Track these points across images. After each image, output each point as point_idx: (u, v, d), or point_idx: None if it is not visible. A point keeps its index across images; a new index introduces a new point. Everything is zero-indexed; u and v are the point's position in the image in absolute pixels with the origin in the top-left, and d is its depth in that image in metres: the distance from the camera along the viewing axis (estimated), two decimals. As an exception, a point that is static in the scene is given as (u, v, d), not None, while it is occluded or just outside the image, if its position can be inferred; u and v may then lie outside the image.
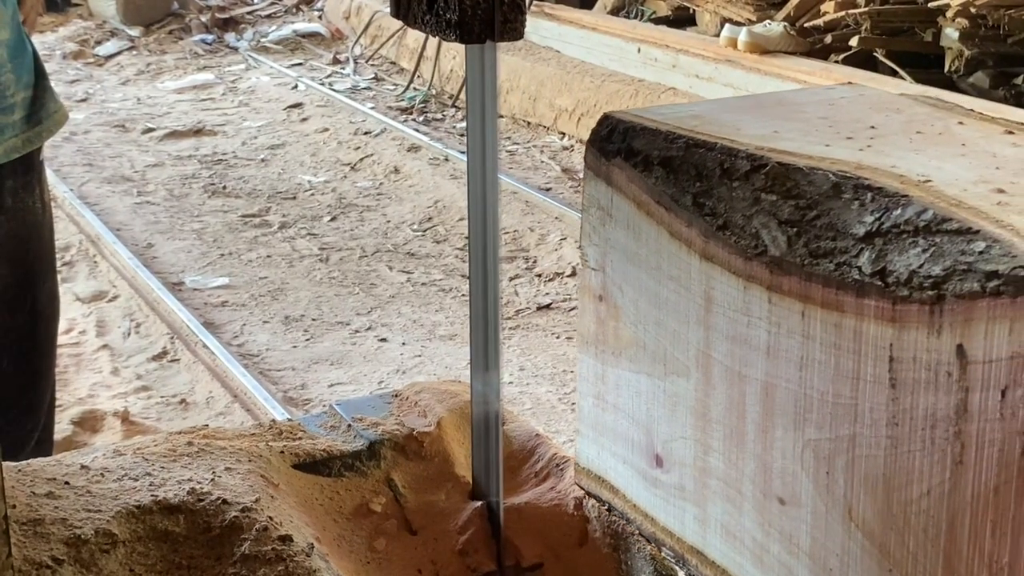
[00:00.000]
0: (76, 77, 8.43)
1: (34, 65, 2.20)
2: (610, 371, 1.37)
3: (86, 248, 5.12)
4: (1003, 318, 0.91)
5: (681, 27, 7.14)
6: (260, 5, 10.14)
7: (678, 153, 1.21)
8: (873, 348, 1.02)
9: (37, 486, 1.47)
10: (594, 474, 1.47)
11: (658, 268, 1.26)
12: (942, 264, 0.94)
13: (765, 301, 1.12)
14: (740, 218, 1.13)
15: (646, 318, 1.29)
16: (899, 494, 1.03)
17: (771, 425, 1.14)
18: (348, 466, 1.69)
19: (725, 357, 1.18)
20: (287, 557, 1.44)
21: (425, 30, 1.44)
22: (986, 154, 1.13)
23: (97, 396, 3.83)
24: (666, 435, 1.30)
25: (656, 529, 1.35)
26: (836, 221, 1.04)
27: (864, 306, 1.02)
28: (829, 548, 1.11)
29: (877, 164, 1.08)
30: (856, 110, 1.30)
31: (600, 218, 1.34)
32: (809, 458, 1.11)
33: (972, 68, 5.69)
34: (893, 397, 1.01)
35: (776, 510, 1.15)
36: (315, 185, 6.08)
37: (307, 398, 3.85)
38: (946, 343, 0.95)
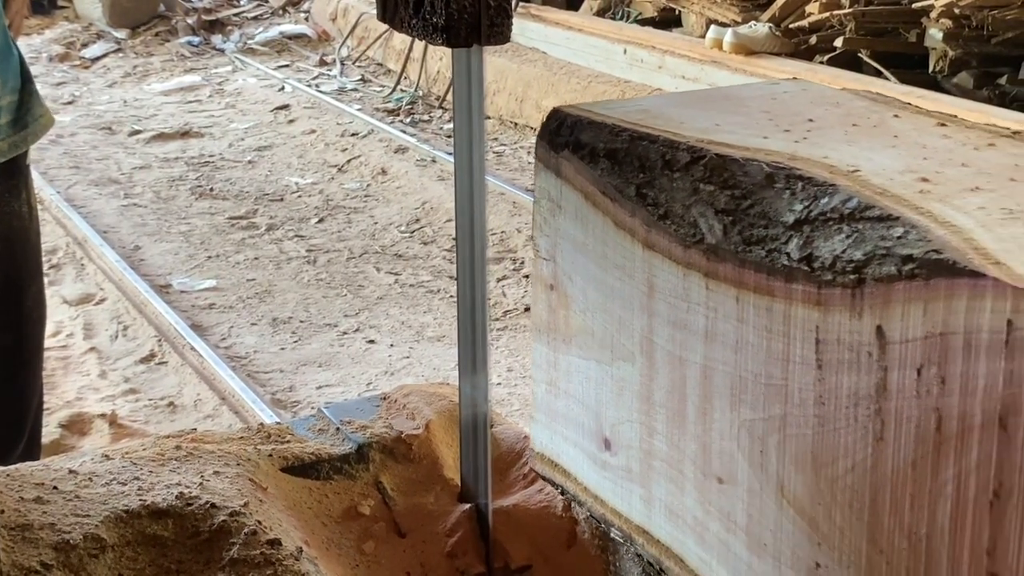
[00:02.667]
0: (62, 79, 8.41)
1: (20, 69, 2.20)
2: (561, 358, 1.40)
3: (73, 251, 5.11)
4: (918, 300, 0.94)
5: (667, 28, 7.15)
6: (247, 7, 10.12)
7: (623, 145, 1.24)
8: (801, 331, 1.06)
9: (25, 491, 1.46)
10: (547, 458, 1.50)
11: (604, 257, 1.29)
12: (863, 249, 0.98)
13: (703, 287, 1.15)
14: (680, 208, 1.16)
15: (594, 306, 1.33)
16: (826, 471, 1.06)
17: (710, 407, 1.18)
18: (337, 469, 1.69)
19: (667, 342, 1.22)
20: (276, 561, 1.44)
21: (412, 34, 1.44)
22: (916, 145, 1.17)
23: (85, 399, 3.82)
24: (614, 419, 1.33)
25: (605, 510, 1.39)
26: (768, 210, 1.07)
27: (792, 291, 1.05)
28: (763, 524, 1.14)
29: (810, 155, 1.12)
30: (797, 104, 1.33)
31: (550, 209, 1.37)
32: (744, 438, 1.14)
33: (956, 68, 5.71)
34: (820, 377, 1.05)
35: (715, 489, 1.19)
36: (302, 187, 6.07)
37: (295, 400, 3.85)
38: (867, 325, 0.99)
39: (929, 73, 5.80)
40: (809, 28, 6.21)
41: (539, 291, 1.42)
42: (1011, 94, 5.54)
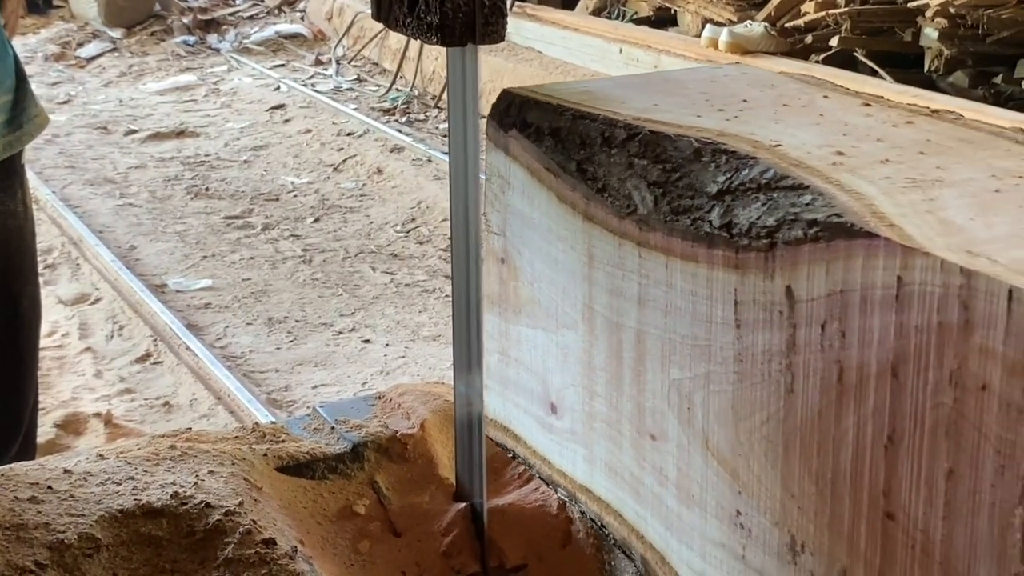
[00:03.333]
0: (58, 79, 8.40)
1: (15, 69, 2.19)
2: (512, 328, 1.46)
3: (68, 250, 5.10)
4: (821, 261, 1.01)
5: (662, 27, 7.15)
6: (242, 6, 10.12)
7: (565, 124, 1.30)
8: (722, 293, 1.12)
9: (20, 491, 1.46)
10: (500, 424, 1.55)
11: (549, 230, 1.35)
12: (775, 216, 1.05)
13: (636, 256, 1.22)
14: (616, 181, 1.23)
15: (540, 277, 1.39)
16: (745, 423, 1.12)
17: (643, 369, 1.24)
18: (332, 468, 1.69)
19: (605, 309, 1.28)
20: (271, 560, 1.44)
21: (406, 33, 1.44)
22: (839, 123, 1.24)
23: (80, 399, 3.82)
24: (559, 384, 1.39)
25: (552, 471, 1.45)
26: (695, 181, 1.14)
27: (714, 256, 1.12)
28: (691, 477, 1.20)
29: (738, 132, 1.18)
30: (734, 86, 1.39)
31: (500, 186, 1.43)
32: (674, 396, 1.21)
33: (952, 67, 5.71)
34: (738, 336, 1.11)
35: (649, 446, 1.25)
36: (298, 186, 6.07)
37: (291, 400, 3.85)
38: (778, 285, 1.06)
39: (925, 72, 5.81)
40: (805, 27, 6.21)
41: (491, 264, 1.48)
42: (1006, 93, 5.55)
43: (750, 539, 1.13)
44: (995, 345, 0.86)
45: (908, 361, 0.94)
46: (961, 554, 0.92)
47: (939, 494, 0.93)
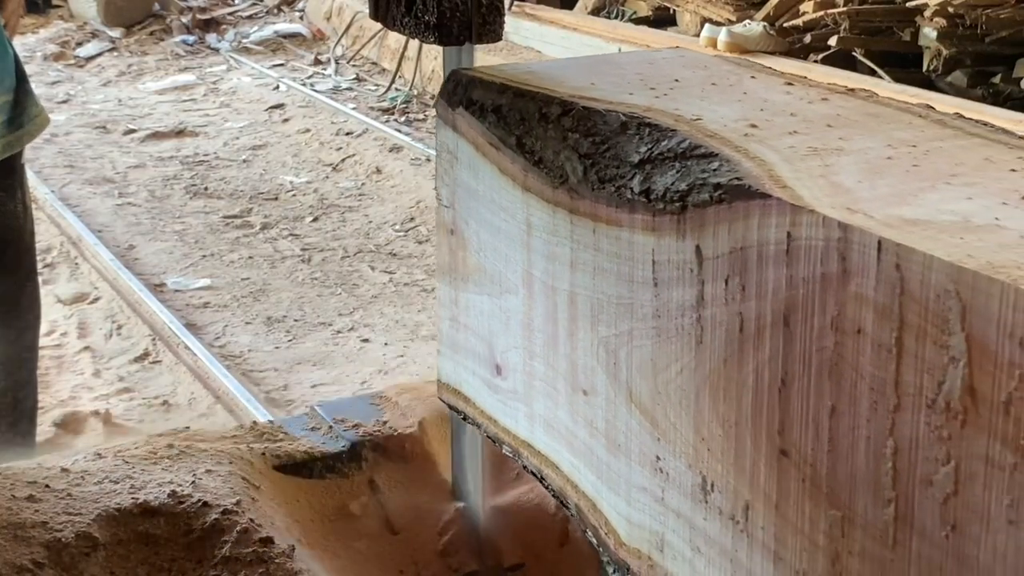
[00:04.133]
0: (57, 79, 8.39)
1: (15, 69, 2.20)
2: (461, 295, 1.53)
3: (67, 250, 5.10)
4: (724, 221, 1.09)
5: (662, 27, 7.15)
6: (241, 6, 10.11)
7: (507, 101, 1.37)
8: (641, 254, 1.19)
9: (18, 489, 1.47)
10: (451, 387, 1.61)
11: (492, 201, 1.42)
12: (687, 181, 1.12)
13: (568, 223, 1.29)
14: (551, 154, 1.29)
15: (485, 246, 1.45)
16: (662, 375, 1.21)
17: (576, 328, 1.31)
18: (330, 467, 1.70)
19: (542, 274, 1.35)
20: (268, 559, 1.44)
21: (404, 32, 1.45)
22: (759, 100, 1.31)
23: (79, 398, 3.82)
24: (503, 346, 1.46)
25: (498, 430, 1.51)
26: (620, 152, 1.20)
27: (635, 220, 1.19)
28: (618, 427, 1.27)
29: (664, 108, 1.26)
30: (669, 68, 1.46)
31: (449, 161, 1.50)
32: (602, 353, 1.27)
33: (950, 67, 5.71)
34: (656, 294, 1.19)
35: (581, 401, 1.32)
36: (297, 186, 6.07)
37: (289, 399, 3.84)
38: (688, 245, 1.14)
39: (923, 72, 5.81)
40: (803, 27, 6.21)
41: (442, 236, 1.55)
42: (1005, 93, 5.55)
43: (668, 482, 1.21)
44: (867, 292, 0.94)
45: (797, 310, 1.02)
46: (844, 484, 1.00)
47: (824, 431, 1.01)
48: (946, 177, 1.06)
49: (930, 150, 1.13)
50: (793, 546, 1.06)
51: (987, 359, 0.86)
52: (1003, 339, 0.84)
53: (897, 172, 1.08)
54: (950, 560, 0.91)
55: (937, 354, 0.89)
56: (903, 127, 1.21)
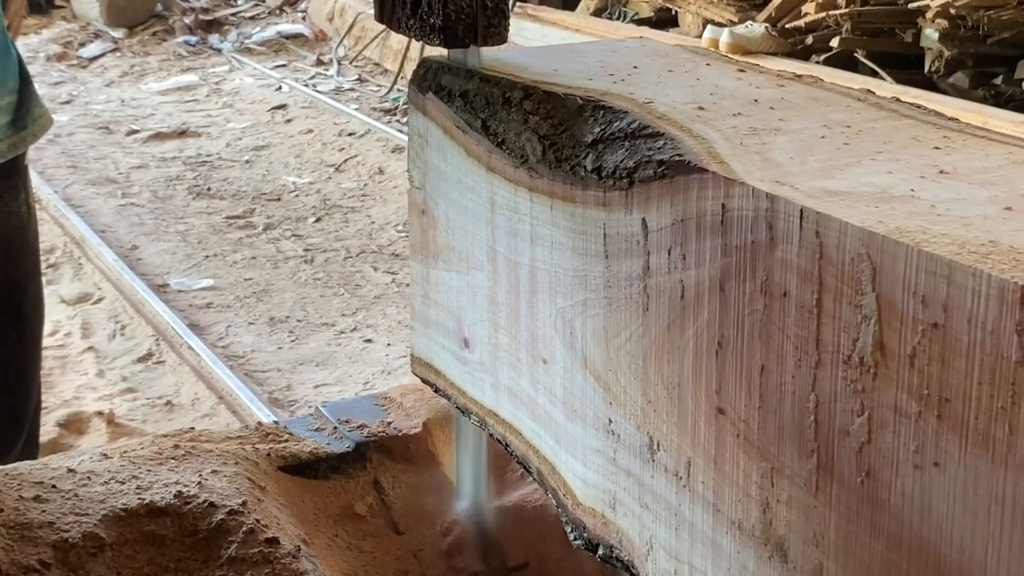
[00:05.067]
0: (60, 79, 8.40)
1: (19, 70, 2.20)
2: (432, 272, 1.60)
3: (71, 250, 5.11)
4: (666, 195, 1.16)
5: (663, 28, 7.15)
6: (244, 7, 10.12)
7: (473, 87, 1.44)
8: (594, 228, 1.26)
9: (24, 490, 1.47)
10: (424, 362, 1.67)
11: (460, 182, 1.49)
12: (635, 159, 1.18)
13: (528, 200, 1.36)
14: (513, 136, 1.37)
15: (454, 224, 1.52)
16: (613, 342, 1.27)
17: (536, 300, 1.38)
18: (334, 468, 1.70)
19: (505, 249, 1.42)
20: (274, 559, 1.45)
21: (409, 34, 1.45)
22: (711, 85, 1.38)
23: (82, 398, 3.82)
24: (470, 320, 1.53)
25: (466, 400, 1.57)
26: (576, 133, 1.27)
27: (588, 196, 1.26)
28: (574, 393, 1.34)
29: (619, 92, 1.32)
30: (630, 56, 1.52)
31: (420, 144, 1.57)
32: (559, 323, 1.34)
33: (952, 68, 5.71)
34: (607, 266, 1.26)
35: (541, 369, 1.39)
36: (299, 186, 6.08)
37: (292, 399, 3.85)
38: (635, 218, 1.20)
39: (925, 73, 5.81)
40: (805, 28, 6.21)
41: (414, 216, 1.62)
42: (1007, 94, 5.55)
43: (619, 443, 1.27)
44: (791, 257, 1.01)
45: (731, 276, 1.08)
46: (773, 438, 1.06)
47: (755, 388, 1.08)
48: (872, 154, 1.13)
49: (863, 130, 1.21)
50: (729, 498, 1.13)
51: (894, 316, 0.93)
52: (908, 297, 0.91)
53: (828, 150, 1.15)
54: (865, 504, 0.98)
55: (852, 313, 0.96)
56: (841, 109, 1.28)
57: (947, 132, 1.19)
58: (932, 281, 0.89)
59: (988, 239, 0.91)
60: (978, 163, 1.10)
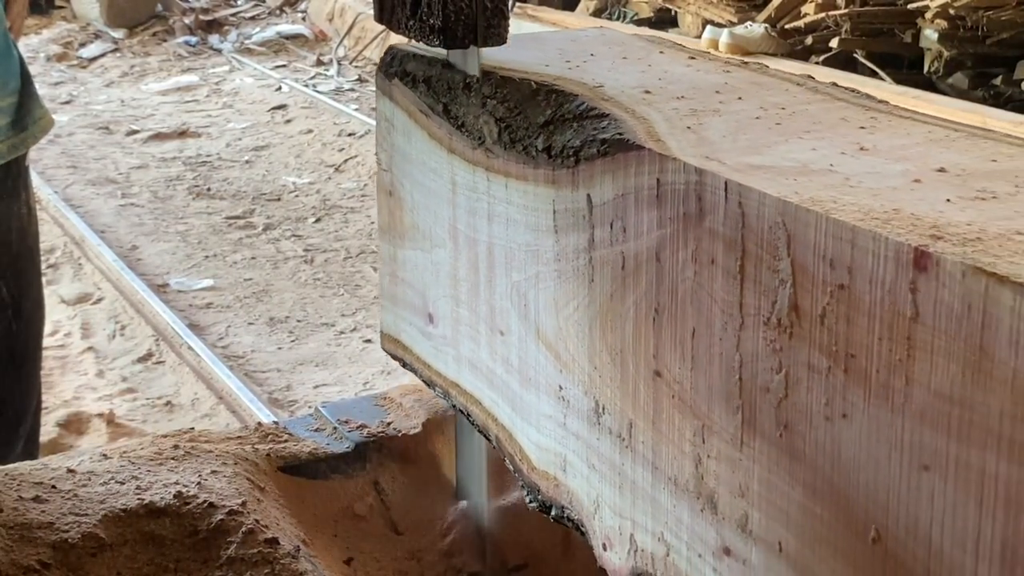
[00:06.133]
0: (60, 79, 8.40)
1: (20, 71, 2.20)
2: (399, 252, 1.66)
3: (71, 250, 5.11)
4: (608, 171, 1.22)
5: (663, 28, 7.15)
6: (244, 7, 10.12)
7: (436, 72, 1.50)
8: (545, 205, 1.33)
9: (24, 490, 1.47)
10: (392, 337, 1.73)
11: (423, 163, 1.55)
12: (581, 138, 1.25)
13: (485, 180, 1.42)
14: (472, 119, 1.43)
15: (418, 204, 1.59)
16: (563, 312, 1.33)
17: (493, 275, 1.44)
18: (334, 468, 1.70)
19: (465, 227, 1.48)
20: (273, 560, 1.45)
21: (409, 35, 1.46)
22: (661, 71, 1.46)
23: (82, 398, 3.83)
24: (434, 297, 1.59)
25: (431, 373, 1.63)
26: (530, 116, 1.34)
27: (539, 174, 1.33)
28: (528, 363, 1.40)
29: (572, 77, 1.39)
30: (589, 44, 1.59)
31: (387, 128, 1.63)
32: (515, 296, 1.41)
33: (951, 69, 5.72)
34: (557, 240, 1.32)
35: (499, 341, 1.45)
36: (299, 186, 6.08)
37: (292, 399, 3.86)
38: (581, 194, 1.27)
39: (924, 74, 5.81)
40: (805, 28, 6.21)
41: (381, 198, 1.68)
42: (1006, 95, 5.55)
43: (569, 408, 1.34)
44: (718, 227, 1.08)
45: (666, 247, 1.15)
46: (704, 397, 1.14)
47: (688, 351, 1.15)
48: (801, 133, 1.20)
49: (796, 111, 1.28)
50: (666, 456, 1.20)
51: (807, 279, 1.00)
52: (818, 261, 0.98)
53: (760, 129, 1.22)
54: (784, 456, 1.05)
55: (770, 278, 1.04)
56: (779, 93, 1.35)
57: (875, 113, 1.26)
58: (839, 246, 0.96)
59: (892, 207, 0.98)
60: (898, 141, 1.17)
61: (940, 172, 1.07)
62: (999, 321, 0.85)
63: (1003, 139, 1.17)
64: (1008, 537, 0.87)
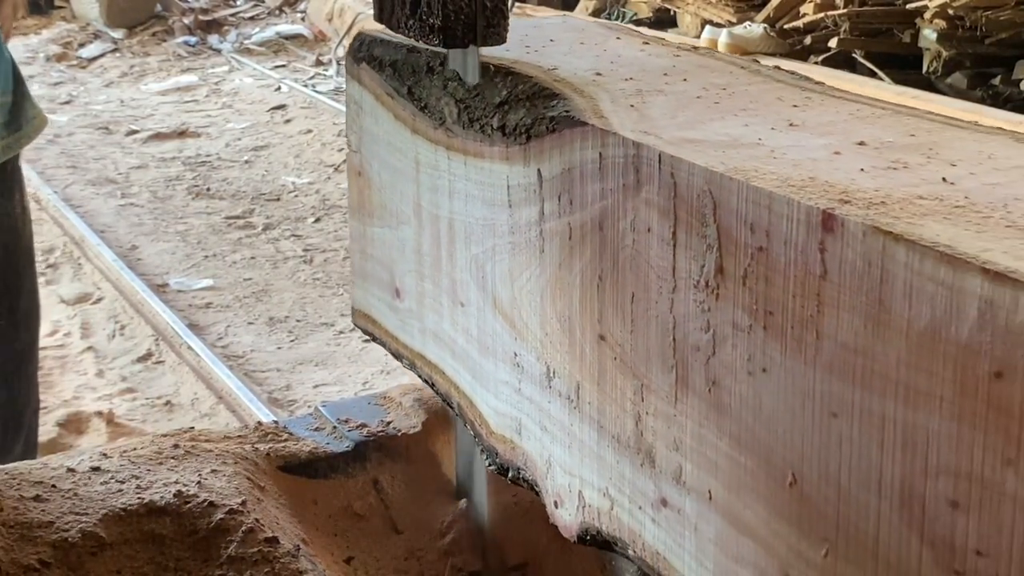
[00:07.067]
0: (59, 79, 8.40)
1: (12, 71, 2.20)
2: (368, 230, 1.72)
3: (70, 250, 5.11)
4: (556, 147, 1.28)
5: (662, 29, 7.15)
6: (243, 7, 10.12)
7: (401, 57, 1.57)
8: (500, 180, 1.39)
9: (24, 489, 1.48)
10: (362, 313, 1.80)
11: (389, 144, 1.62)
12: (532, 116, 1.31)
13: (446, 158, 1.49)
14: (434, 100, 1.50)
15: (385, 183, 1.65)
16: (517, 282, 1.39)
17: (454, 249, 1.50)
18: (334, 467, 1.70)
19: (428, 204, 1.55)
20: (273, 559, 1.45)
21: (408, 34, 1.46)
22: (614, 55, 1.53)
23: (82, 398, 3.83)
24: (401, 272, 1.65)
25: (399, 346, 1.70)
26: (486, 96, 1.41)
27: (494, 152, 1.39)
28: (486, 332, 1.47)
29: (529, 60, 1.46)
30: (550, 31, 1.65)
31: (355, 111, 1.70)
32: (473, 268, 1.47)
33: (950, 69, 5.72)
34: (511, 214, 1.38)
35: (460, 312, 1.52)
36: (299, 186, 6.08)
37: (292, 399, 3.86)
38: (532, 170, 1.33)
39: (923, 74, 5.81)
40: (804, 28, 6.21)
41: (352, 178, 1.75)
42: (1004, 94, 5.55)
43: (523, 374, 1.40)
44: (653, 197, 1.15)
45: (608, 217, 1.22)
46: (643, 358, 1.20)
47: (628, 315, 1.21)
48: (737, 111, 1.27)
49: (736, 92, 1.35)
50: (610, 415, 1.26)
51: (731, 243, 1.07)
52: (740, 225, 1.05)
53: (699, 107, 1.29)
54: (713, 410, 1.12)
55: (699, 243, 1.10)
56: (723, 75, 1.42)
57: (810, 94, 1.34)
58: (758, 211, 1.03)
59: (809, 176, 1.05)
60: (826, 118, 1.24)
61: (860, 145, 1.14)
62: (895, 276, 0.91)
63: (925, 116, 1.24)
64: (906, 476, 0.93)
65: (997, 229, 0.92)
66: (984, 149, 1.13)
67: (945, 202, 0.98)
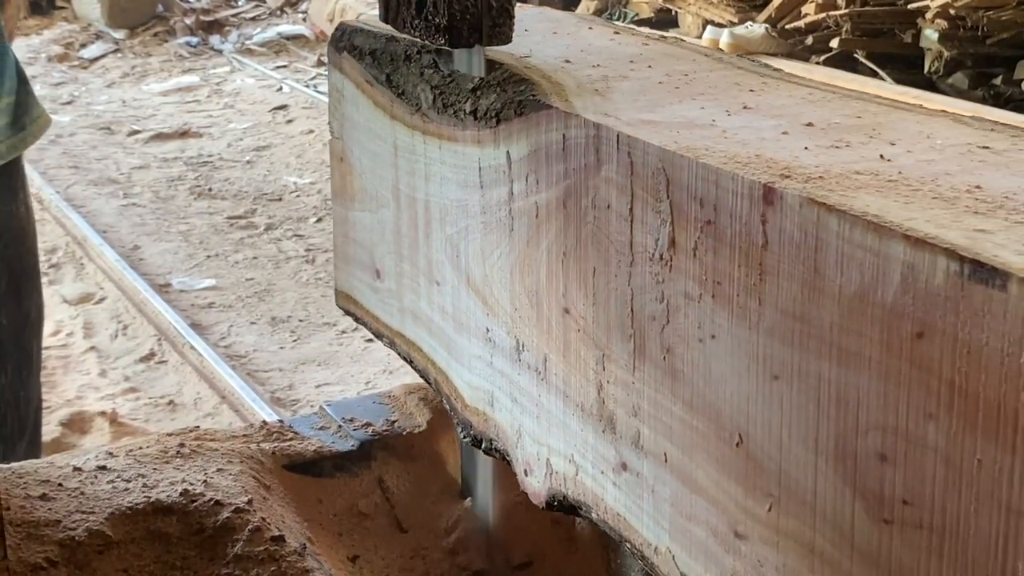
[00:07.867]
0: (61, 80, 8.42)
1: (16, 72, 2.20)
2: (350, 214, 1.78)
3: (73, 250, 5.12)
4: (523, 130, 1.33)
5: (664, 29, 7.15)
6: (244, 8, 10.13)
7: (380, 46, 1.63)
8: (472, 163, 1.43)
9: (31, 488, 1.48)
10: (345, 294, 1.85)
11: (369, 130, 1.67)
12: (502, 101, 1.37)
13: (422, 142, 1.54)
14: (411, 87, 1.55)
15: (365, 169, 1.71)
16: (488, 260, 1.44)
17: (430, 230, 1.56)
18: (339, 466, 1.71)
19: (406, 187, 1.60)
20: (280, 557, 1.45)
21: (414, 34, 1.46)
22: (585, 43, 1.59)
23: (85, 398, 3.84)
24: (381, 254, 1.70)
25: (379, 325, 1.75)
26: (460, 83, 1.47)
27: (466, 135, 1.44)
28: (461, 309, 1.52)
29: (503, 49, 1.50)
30: (527, 22, 1.69)
31: (337, 98, 1.76)
32: (448, 248, 1.52)
33: (952, 69, 5.72)
34: (482, 195, 1.43)
35: (435, 291, 1.57)
36: (301, 186, 6.09)
37: (295, 399, 3.87)
38: (502, 152, 1.37)
39: (925, 74, 5.81)
40: (805, 29, 6.22)
41: (334, 164, 1.81)
42: (1006, 94, 5.56)
43: (495, 349, 1.46)
44: (612, 175, 1.20)
45: (571, 195, 1.27)
46: (604, 330, 1.25)
47: (590, 289, 1.27)
48: (695, 95, 1.33)
49: (697, 78, 1.41)
50: (575, 385, 1.32)
51: (682, 217, 1.12)
52: (691, 200, 1.11)
53: (660, 92, 1.35)
54: (667, 377, 1.18)
55: (654, 218, 1.16)
56: (686, 63, 1.48)
57: (767, 80, 1.40)
58: (706, 186, 1.09)
59: (755, 154, 1.11)
60: (779, 101, 1.30)
61: (807, 126, 1.21)
62: (828, 245, 0.97)
63: (873, 99, 1.31)
64: (840, 432, 0.99)
65: (924, 200, 0.98)
66: (924, 129, 1.19)
67: (879, 177, 1.04)
